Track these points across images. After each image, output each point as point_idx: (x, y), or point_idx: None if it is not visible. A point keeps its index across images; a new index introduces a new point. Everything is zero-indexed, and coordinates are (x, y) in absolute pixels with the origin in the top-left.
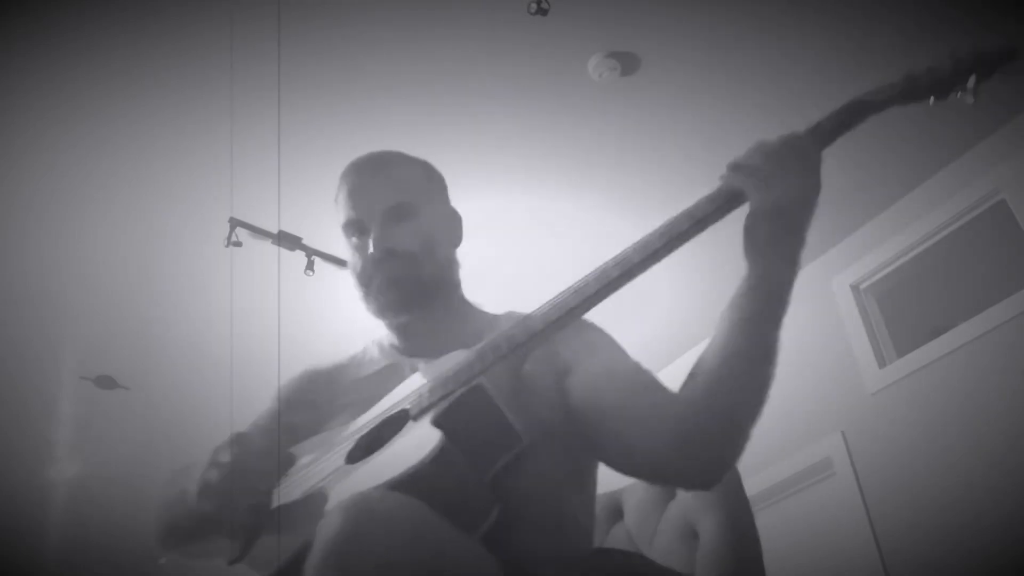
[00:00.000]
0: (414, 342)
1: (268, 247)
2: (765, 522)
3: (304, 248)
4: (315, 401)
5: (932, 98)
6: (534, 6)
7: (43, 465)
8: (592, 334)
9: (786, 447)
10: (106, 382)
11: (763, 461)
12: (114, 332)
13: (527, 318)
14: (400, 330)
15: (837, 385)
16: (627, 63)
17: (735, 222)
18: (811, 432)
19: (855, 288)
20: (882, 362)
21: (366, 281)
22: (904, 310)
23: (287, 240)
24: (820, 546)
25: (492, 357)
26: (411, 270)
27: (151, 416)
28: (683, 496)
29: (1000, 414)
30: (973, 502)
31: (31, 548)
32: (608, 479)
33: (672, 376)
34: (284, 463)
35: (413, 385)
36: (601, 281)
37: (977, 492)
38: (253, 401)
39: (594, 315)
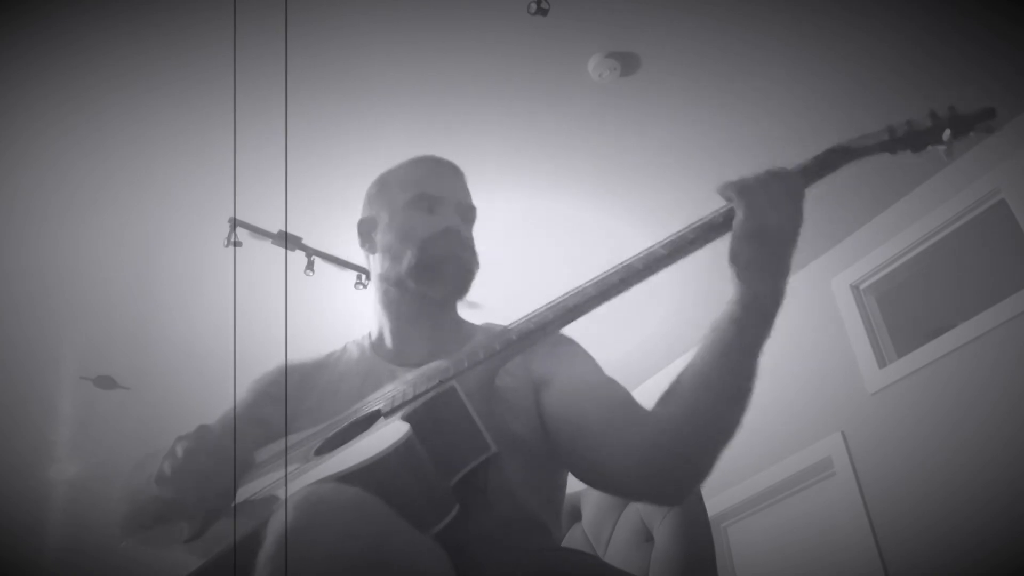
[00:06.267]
0: (402, 342)
1: (268, 247)
2: (765, 522)
3: (304, 248)
4: (284, 397)
5: (909, 150)
6: (534, 6)
7: (43, 465)
8: (568, 349)
9: (786, 447)
10: (106, 382)
11: (763, 461)
12: (114, 332)
13: (505, 330)
14: (400, 319)
15: (837, 385)
16: (627, 63)
17: None
18: (811, 432)
19: (855, 288)
20: (882, 362)
21: (429, 248)
22: (904, 310)
23: (287, 240)
24: (820, 546)
25: (467, 363)
26: (471, 258)
27: (151, 416)
28: None
29: (1000, 414)
30: (973, 502)
31: (31, 548)
32: (569, 480)
33: (669, 377)
34: (244, 463)
35: (388, 390)
36: (578, 299)
37: (977, 492)
38: None
39: (593, 316)
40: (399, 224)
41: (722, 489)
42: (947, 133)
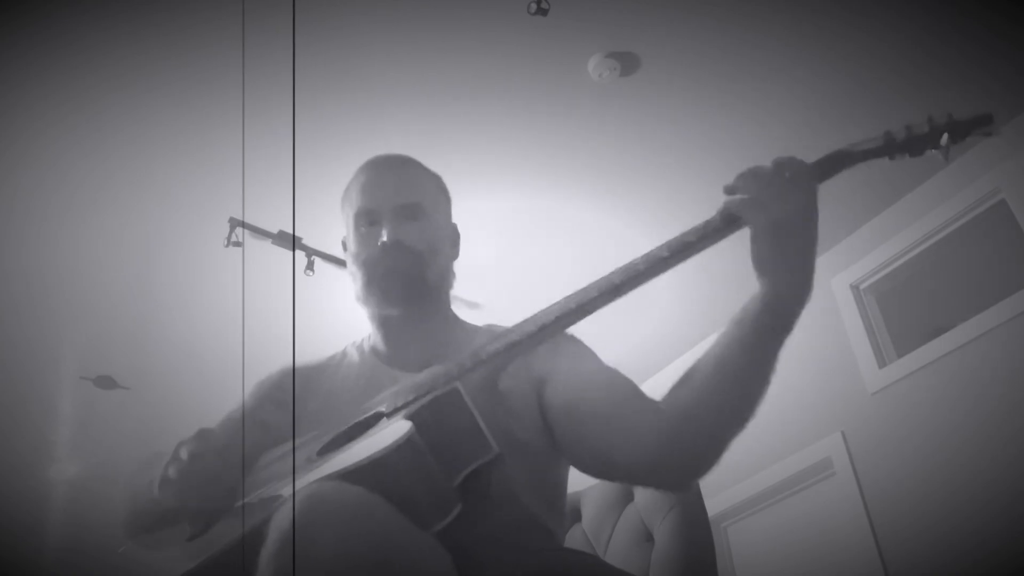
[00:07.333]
0: (398, 347)
1: (266, 247)
2: (765, 522)
3: (304, 248)
4: (287, 402)
5: (907, 155)
6: (534, 6)
7: (43, 465)
8: (570, 345)
9: (786, 447)
10: (106, 382)
11: (763, 461)
12: (114, 332)
13: (507, 331)
14: (387, 326)
15: (837, 385)
16: (627, 63)
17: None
18: (811, 432)
19: (855, 288)
20: (882, 362)
21: (371, 267)
22: (904, 310)
23: (287, 240)
24: (820, 546)
25: (470, 364)
26: (415, 265)
27: (151, 416)
28: (640, 499)
29: (1000, 414)
30: (973, 502)
31: (31, 548)
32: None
33: (670, 377)
34: (248, 463)
35: (391, 391)
36: (581, 300)
37: (977, 492)
38: None
39: (593, 316)
40: (350, 245)
41: (722, 489)
42: (945, 138)
